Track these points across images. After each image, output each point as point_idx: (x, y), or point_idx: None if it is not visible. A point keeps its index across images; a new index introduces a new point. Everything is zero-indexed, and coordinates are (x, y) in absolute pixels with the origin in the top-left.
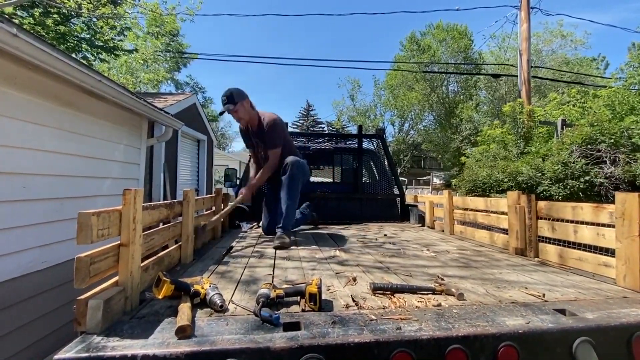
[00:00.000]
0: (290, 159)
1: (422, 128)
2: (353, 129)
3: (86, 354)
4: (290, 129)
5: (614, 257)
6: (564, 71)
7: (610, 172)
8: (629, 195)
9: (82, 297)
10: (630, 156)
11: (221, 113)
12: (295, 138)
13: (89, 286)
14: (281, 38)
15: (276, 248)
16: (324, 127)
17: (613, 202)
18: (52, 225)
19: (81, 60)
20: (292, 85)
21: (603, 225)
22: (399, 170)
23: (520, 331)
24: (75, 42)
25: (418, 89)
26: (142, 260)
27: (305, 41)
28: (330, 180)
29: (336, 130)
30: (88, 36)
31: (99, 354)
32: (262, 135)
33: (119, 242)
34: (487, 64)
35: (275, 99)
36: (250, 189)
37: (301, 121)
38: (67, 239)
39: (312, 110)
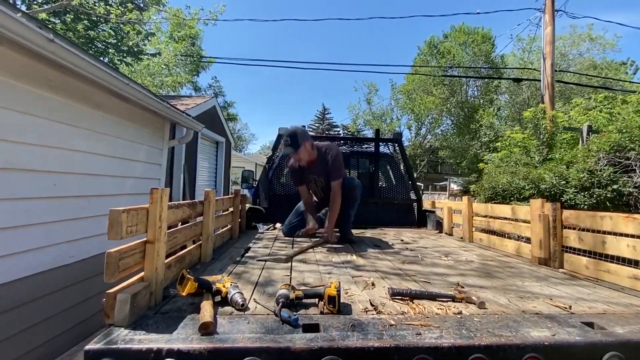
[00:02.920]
0: (358, 182)
1: (439, 133)
2: (369, 133)
3: (115, 346)
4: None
5: None
6: (590, 75)
7: None
8: None
9: (111, 290)
10: None
11: (284, 155)
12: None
13: (116, 281)
14: (299, 41)
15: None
16: (339, 131)
17: None
18: (80, 221)
19: (108, 64)
20: (308, 89)
21: (633, 236)
22: (415, 175)
23: (546, 343)
24: (103, 47)
25: (436, 93)
26: (166, 258)
27: (323, 45)
28: None
29: (352, 134)
30: (114, 41)
31: (127, 346)
32: (322, 168)
33: (145, 239)
34: (509, 68)
35: (292, 101)
36: (332, 224)
37: (317, 124)
38: (92, 235)
39: (327, 113)
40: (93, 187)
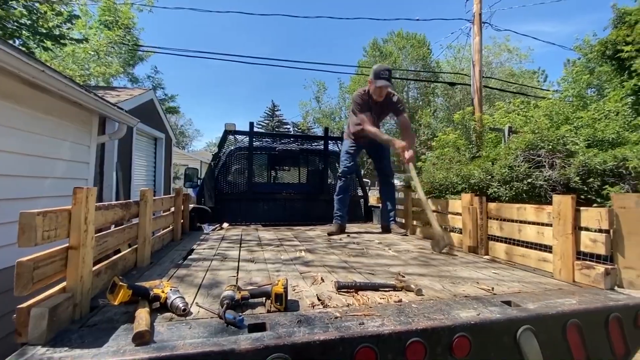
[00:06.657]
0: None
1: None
2: (319, 131)
3: None
4: (255, 129)
5: (551, 253)
6: (510, 82)
7: (548, 175)
8: (564, 198)
9: (24, 305)
10: (565, 161)
11: (384, 84)
12: (261, 138)
13: (32, 294)
14: (246, 36)
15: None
16: (289, 128)
17: (551, 202)
18: None
19: (20, 48)
20: (257, 84)
21: (543, 224)
22: (362, 172)
23: (472, 322)
24: (14, 27)
25: None
26: (94, 264)
27: (272, 40)
28: (297, 181)
29: (302, 132)
30: (29, 22)
31: None
32: (383, 109)
33: (67, 244)
34: (445, 73)
35: (240, 96)
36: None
37: (266, 121)
38: (0, 245)
39: (277, 110)
40: (0, 189)
